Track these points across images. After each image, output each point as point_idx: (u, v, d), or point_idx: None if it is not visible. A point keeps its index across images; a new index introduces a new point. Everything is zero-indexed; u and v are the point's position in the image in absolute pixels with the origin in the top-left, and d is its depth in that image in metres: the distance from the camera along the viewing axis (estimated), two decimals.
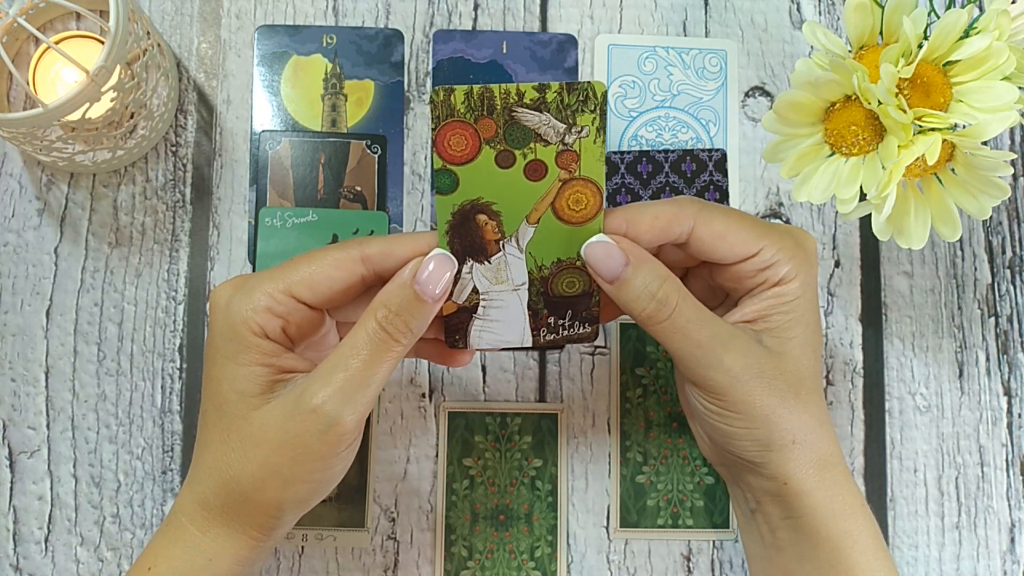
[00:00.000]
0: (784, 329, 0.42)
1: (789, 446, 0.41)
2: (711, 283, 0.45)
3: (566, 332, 0.44)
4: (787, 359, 0.42)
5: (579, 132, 0.38)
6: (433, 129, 0.37)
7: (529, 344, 0.44)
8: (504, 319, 0.43)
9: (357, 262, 0.40)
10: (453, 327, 0.43)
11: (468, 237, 0.40)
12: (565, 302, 0.43)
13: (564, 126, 0.38)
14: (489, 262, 0.41)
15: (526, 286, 0.42)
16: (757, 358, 0.41)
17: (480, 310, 0.42)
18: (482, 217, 0.40)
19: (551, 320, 0.43)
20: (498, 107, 0.37)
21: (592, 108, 0.37)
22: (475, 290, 0.42)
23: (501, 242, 0.41)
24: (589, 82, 0.37)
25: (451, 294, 0.41)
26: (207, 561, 0.41)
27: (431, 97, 0.37)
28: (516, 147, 0.38)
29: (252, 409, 0.40)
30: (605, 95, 0.37)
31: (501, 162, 0.38)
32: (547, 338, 0.44)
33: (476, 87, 0.37)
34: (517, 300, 0.42)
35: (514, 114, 0.37)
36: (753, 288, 0.42)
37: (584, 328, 0.44)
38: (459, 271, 0.41)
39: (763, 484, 0.43)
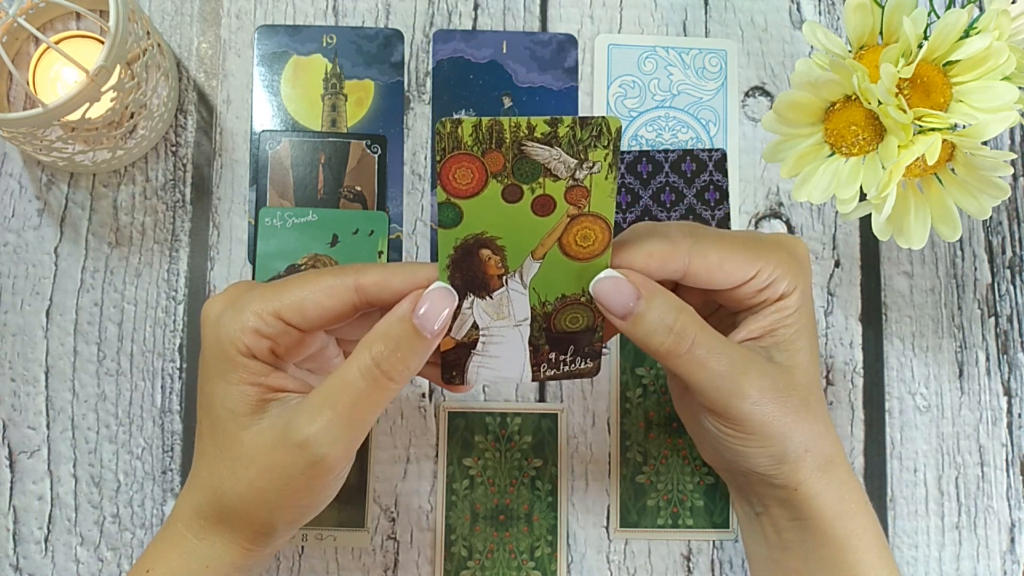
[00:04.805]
0: (792, 342, 0.41)
1: (802, 456, 0.41)
2: (705, 297, 0.44)
3: (567, 368, 0.43)
4: (797, 371, 0.41)
5: (591, 168, 0.36)
6: (438, 161, 0.36)
7: (529, 380, 0.43)
8: (504, 355, 0.41)
9: (351, 291, 0.39)
10: (450, 363, 0.42)
11: (470, 272, 0.39)
12: (568, 338, 0.41)
13: (575, 161, 0.36)
14: (491, 297, 0.39)
15: (528, 322, 0.40)
16: (773, 379, 0.40)
17: (479, 346, 0.41)
18: (485, 252, 0.38)
19: (552, 356, 0.42)
20: (507, 140, 0.35)
21: (605, 144, 0.36)
22: (475, 326, 0.40)
23: (504, 277, 0.39)
24: (603, 117, 0.35)
25: (450, 330, 0.40)
26: (204, 567, 0.40)
27: (437, 128, 0.35)
28: (524, 181, 0.36)
29: (242, 429, 0.39)
30: (619, 131, 0.36)
31: (508, 196, 0.37)
32: (547, 373, 0.43)
33: (485, 120, 0.35)
34: (518, 336, 0.41)
35: (524, 148, 0.36)
36: (753, 306, 0.42)
37: (586, 363, 0.43)
38: (459, 306, 0.39)
39: (773, 492, 0.43)
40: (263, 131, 0.53)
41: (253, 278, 0.52)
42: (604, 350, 0.53)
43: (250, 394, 0.39)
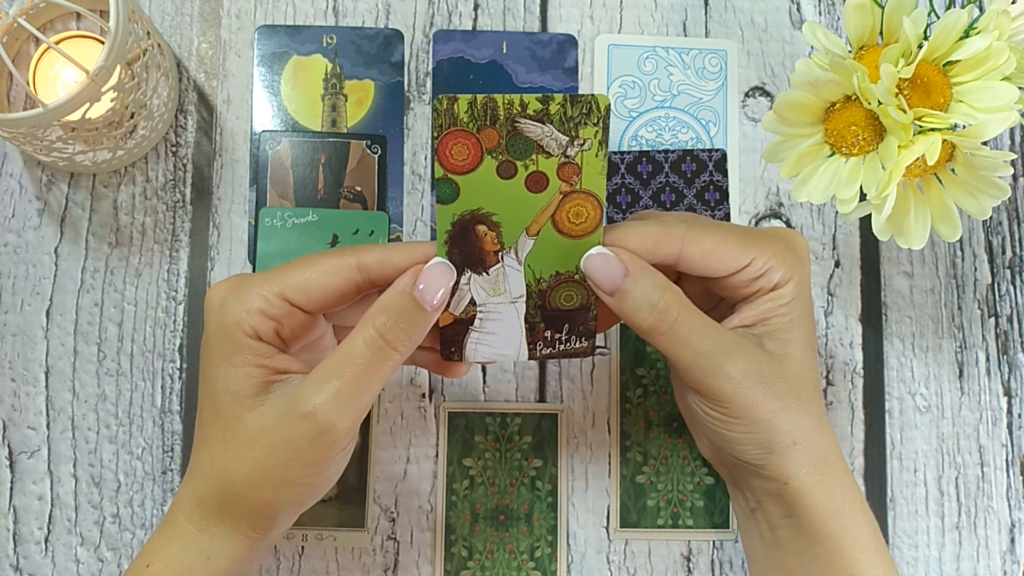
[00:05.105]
0: (784, 331, 0.42)
1: (790, 447, 0.41)
2: (706, 288, 0.45)
3: (563, 346, 0.44)
4: (789, 361, 0.42)
5: (581, 145, 0.37)
6: (435, 138, 0.37)
7: (525, 358, 0.44)
8: (501, 332, 0.42)
9: (353, 270, 0.40)
10: (449, 339, 0.43)
11: (467, 247, 0.40)
12: (562, 316, 0.42)
13: (567, 138, 0.37)
14: (487, 273, 0.41)
15: (524, 299, 0.42)
16: (759, 364, 0.41)
17: (477, 322, 0.42)
18: (482, 228, 0.39)
19: (548, 334, 0.43)
20: (501, 117, 0.37)
21: (595, 121, 0.37)
22: (472, 302, 0.41)
23: (500, 253, 0.40)
24: (593, 95, 0.37)
25: (448, 305, 0.41)
26: (205, 559, 0.41)
27: (434, 106, 0.36)
28: (518, 158, 0.38)
29: (246, 410, 0.40)
30: (608, 108, 0.37)
31: (502, 173, 0.38)
32: (543, 352, 0.44)
33: (480, 97, 0.36)
34: (514, 313, 0.42)
35: (517, 125, 0.37)
36: (749, 296, 0.42)
37: (581, 342, 0.44)
38: (457, 282, 0.40)
39: (764, 485, 0.43)
40: (263, 131, 0.53)
41: None
42: (605, 351, 0.53)
43: (255, 376, 0.40)
